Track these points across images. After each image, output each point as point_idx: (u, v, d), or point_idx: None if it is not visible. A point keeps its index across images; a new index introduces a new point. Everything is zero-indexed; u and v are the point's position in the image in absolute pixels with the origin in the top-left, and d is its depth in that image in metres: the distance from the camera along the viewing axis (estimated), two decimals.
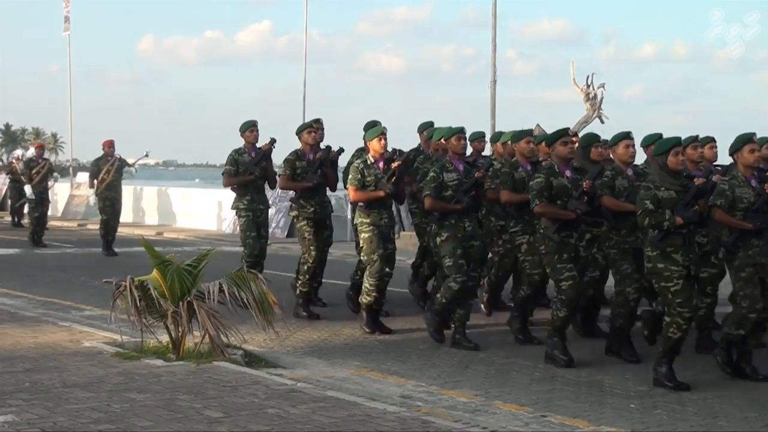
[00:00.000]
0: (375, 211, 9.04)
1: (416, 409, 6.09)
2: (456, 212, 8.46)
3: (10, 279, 12.95)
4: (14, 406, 5.75)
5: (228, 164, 10.61)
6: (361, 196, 9.06)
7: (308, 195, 10.04)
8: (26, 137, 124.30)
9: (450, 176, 8.52)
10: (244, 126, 10.69)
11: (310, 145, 10.09)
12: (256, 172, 10.51)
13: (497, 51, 20.30)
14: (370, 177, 9.04)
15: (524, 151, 8.98)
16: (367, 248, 9.03)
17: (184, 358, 7.26)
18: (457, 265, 8.37)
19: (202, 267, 7.54)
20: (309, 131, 10.12)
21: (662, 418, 6.27)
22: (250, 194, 10.59)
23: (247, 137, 10.65)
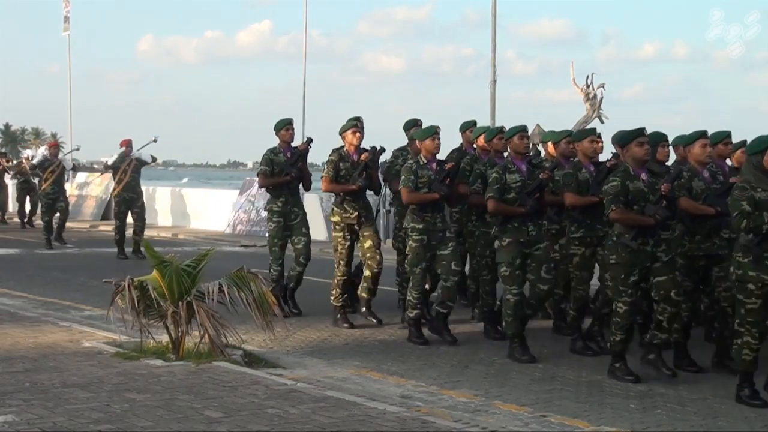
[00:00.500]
0: (428, 215, 8.57)
1: (416, 409, 6.09)
2: (519, 216, 7.98)
3: (10, 279, 12.95)
4: (14, 406, 5.75)
5: (263, 164, 10.16)
6: (416, 198, 8.55)
7: (352, 198, 9.53)
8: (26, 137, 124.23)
9: (513, 177, 8.05)
10: (279, 124, 10.25)
11: (354, 146, 9.56)
12: (293, 173, 10.09)
13: (497, 51, 20.31)
14: (424, 178, 8.57)
15: (588, 150, 8.45)
16: (412, 258, 8.60)
17: (184, 358, 7.26)
18: (514, 276, 7.91)
19: (202, 267, 7.54)
20: (353, 130, 9.56)
21: (662, 418, 6.27)
22: (284, 196, 10.18)
23: (282, 136, 10.20)
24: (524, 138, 8.19)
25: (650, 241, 7.19)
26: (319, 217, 21.25)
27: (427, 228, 8.53)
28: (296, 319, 9.67)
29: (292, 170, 10.06)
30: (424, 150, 8.69)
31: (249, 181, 23.63)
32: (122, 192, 16.27)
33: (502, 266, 7.99)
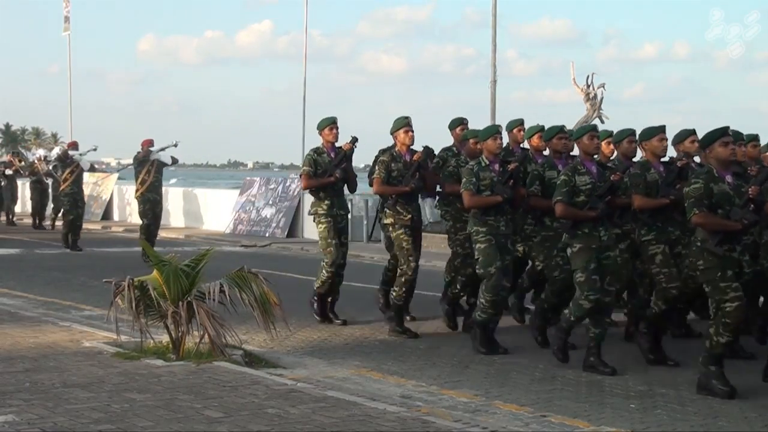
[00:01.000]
0: (491, 219, 8.21)
1: (416, 409, 6.09)
2: (590, 220, 7.57)
3: (10, 279, 12.96)
4: (14, 406, 5.75)
5: (306, 165, 9.78)
6: (479, 201, 8.19)
7: (405, 200, 9.17)
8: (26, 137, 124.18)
9: (582, 180, 7.62)
10: (322, 123, 9.78)
11: (407, 146, 9.20)
12: (337, 174, 9.68)
13: (498, 51, 20.30)
14: (486, 180, 8.21)
15: (657, 150, 7.96)
16: (483, 260, 8.15)
17: (184, 358, 7.26)
18: (591, 281, 7.47)
19: (201, 267, 7.54)
20: (406, 130, 9.18)
21: (662, 418, 6.27)
22: (329, 198, 9.82)
23: (325, 136, 9.74)
24: (594, 138, 7.76)
25: (737, 248, 6.84)
26: None
27: (492, 231, 8.20)
28: (296, 319, 9.64)
29: (336, 171, 9.66)
30: (486, 151, 8.34)
31: (249, 181, 23.66)
32: (146, 192, 16.04)
33: (577, 272, 7.56)
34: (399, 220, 9.14)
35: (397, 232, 9.17)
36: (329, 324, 9.70)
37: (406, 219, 9.13)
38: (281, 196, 22.08)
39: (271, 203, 22.16)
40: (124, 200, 25.63)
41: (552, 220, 8.24)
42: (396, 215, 9.16)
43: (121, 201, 25.81)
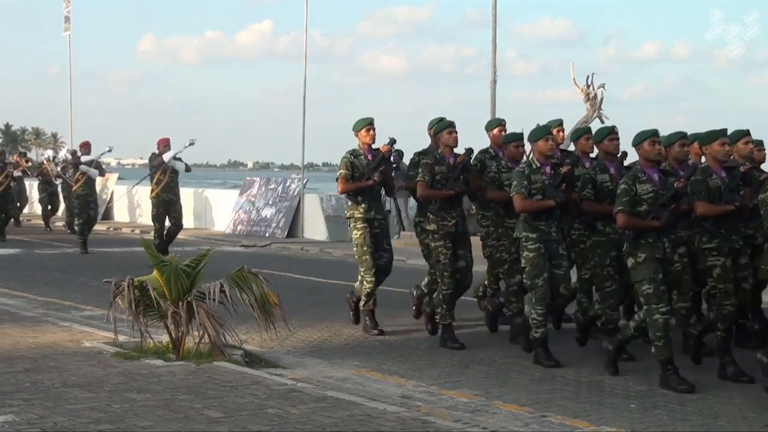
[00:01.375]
0: (542, 224, 7.84)
1: (416, 409, 6.09)
2: (654, 230, 7.17)
3: (10, 279, 12.96)
4: (14, 406, 5.75)
5: (343, 168, 9.25)
6: (530, 206, 7.82)
7: (449, 205, 8.67)
8: (26, 137, 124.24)
9: (644, 188, 7.22)
10: (359, 124, 9.35)
11: (450, 148, 8.75)
12: (375, 177, 9.19)
13: (498, 51, 20.27)
14: (537, 184, 7.86)
15: (718, 154, 7.60)
16: (531, 271, 7.80)
17: (184, 358, 7.26)
18: (660, 293, 7.07)
19: (201, 267, 7.54)
20: (449, 131, 8.75)
21: (662, 418, 6.27)
22: (366, 202, 9.28)
23: (362, 137, 9.30)
24: (655, 144, 7.32)
25: None
26: (319, 216, 21.29)
27: (542, 237, 7.83)
28: (296, 319, 9.63)
29: (374, 174, 9.19)
30: (537, 152, 7.99)
31: (249, 181, 23.66)
32: (161, 193, 15.70)
33: (644, 284, 7.13)
34: (443, 226, 8.63)
35: (436, 243, 8.68)
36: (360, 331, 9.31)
37: (450, 225, 8.65)
38: (281, 196, 22.08)
39: (271, 203, 22.17)
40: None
41: (604, 225, 7.95)
42: (440, 221, 8.65)
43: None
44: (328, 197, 22.19)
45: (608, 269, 8.05)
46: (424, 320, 9.40)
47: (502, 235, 8.73)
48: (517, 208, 7.92)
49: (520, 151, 8.74)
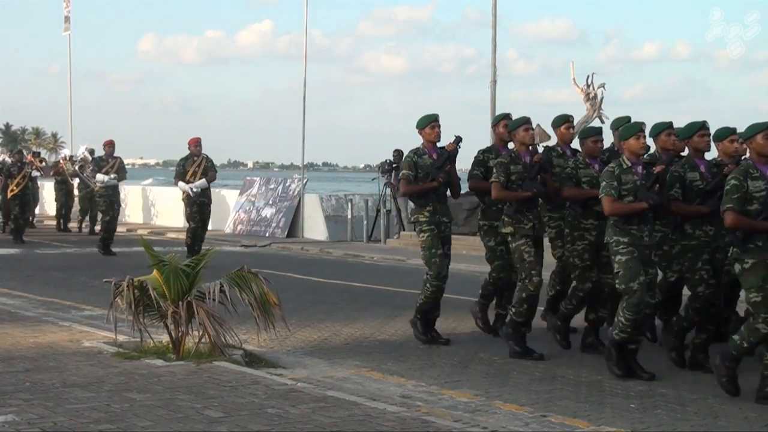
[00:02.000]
0: (634, 228, 7.27)
1: (416, 409, 6.09)
2: (766, 231, 6.65)
3: (10, 279, 12.97)
4: (14, 406, 5.74)
5: (406, 168, 8.71)
6: (621, 209, 7.27)
7: (526, 207, 8.16)
8: (26, 137, 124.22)
9: (757, 185, 6.69)
10: (423, 121, 8.82)
11: (526, 146, 8.28)
12: (440, 178, 8.65)
13: (498, 51, 20.30)
14: (628, 185, 7.30)
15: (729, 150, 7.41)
16: (625, 275, 7.23)
17: (184, 358, 7.26)
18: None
19: (201, 267, 7.54)
20: (526, 128, 8.27)
21: (662, 418, 6.26)
22: (431, 204, 8.71)
23: (426, 135, 8.77)
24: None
25: None
26: (319, 216, 21.30)
27: (634, 242, 7.28)
28: (296, 319, 9.63)
29: (439, 174, 8.64)
30: (628, 151, 7.42)
31: (249, 181, 23.66)
32: (193, 195, 15.26)
33: (752, 291, 6.65)
34: (520, 229, 8.12)
35: (517, 243, 8.15)
36: (432, 344, 8.67)
37: (528, 228, 8.15)
38: (281, 196, 22.09)
39: (271, 203, 22.18)
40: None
41: (694, 227, 7.56)
42: (517, 224, 8.13)
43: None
44: (328, 197, 22.21)
45: (700, 273, 7.57)
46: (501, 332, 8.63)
47: (577, 238, 8.24)
48: (606, 211, 7.37)
49: (599, 146, 8.29)
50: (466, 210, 19.85)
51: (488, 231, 8.84)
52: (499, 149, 8.90)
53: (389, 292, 12.58)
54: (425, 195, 8.70)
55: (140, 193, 25.93)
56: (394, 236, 20.54)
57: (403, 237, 20.16)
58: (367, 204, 20.90)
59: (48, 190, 24.99)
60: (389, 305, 11.11)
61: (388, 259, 17.32)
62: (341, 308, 10.82)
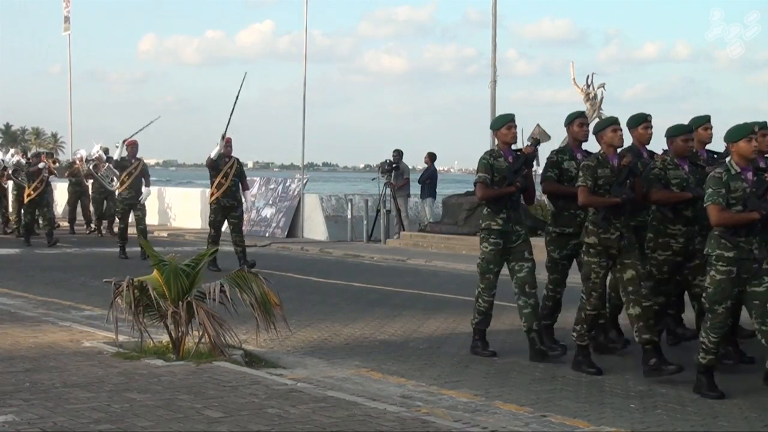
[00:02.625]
0: (742, 240, 6.70)
1: (416, 409, 6.09)
2: None
3: (10, 279, 12.97)
4: (14, 406, 5.74)
5: (482, 171, 8.14)
6: (730, 219, 6.71)
7: (614, 214, 7.49)
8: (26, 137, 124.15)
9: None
10: (499, 121, 8.31)
11: (614, 148, 7.66)
12: (517, 182, 8.11)
13: (498, 51, 20.29)
14: (738, 192, 6.74)
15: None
16: (714, 294, 6.75)
17: (184, 358, 7.26)
18: None
19: (201, 267, 7.55)
20: (614, 129, 7.63)
21: (662, 418, 6.27)
22: (506, 211, 8.14)
23: (502, 136, 8.23)
24: None
25: None
26: (319, 216, 21.30)
27: (740, 257, 6.72)
28: (296, 319, 9.63)
29: (516, 178, 8.10)
30: (737, 155, 6.84)
31: (249, 181, 23.64)
32: (221, 198, 14.54)
33: None
34: (604, 240, 7.47)
35: (590, 258, 7.54)
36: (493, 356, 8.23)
37: (614, 237, 7.47)
38: (281, 196, 22.09)
39: (271, 203, 22.18)
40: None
41: None
42: (602, 234, 7.48)
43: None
44: (328, 197, 22.21)
45: None
46: None
47: (661, 245, 7.79)
48: (713, 221, 6.77)
49: (690, 145, 7.76)
50: (466, 210, 19.88)
51: (556, 239, 8.35)
52: (573, 150, 8.39)
53: (389, 292, 12.57)
54: (500, 201, 8.16)
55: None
56: (394, 236, 20.55)
57: (403, 237, 20.18)
58: (367, 204, 20.91)
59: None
60: (389, 305, 11.11)
61: (388, 259, 17.32)
62: (341, 308, 10.82)
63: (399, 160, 20.82)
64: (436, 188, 21.50)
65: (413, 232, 20.38)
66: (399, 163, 20.74)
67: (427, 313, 10.50)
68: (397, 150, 21.03)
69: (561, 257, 8.37)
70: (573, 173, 8.11)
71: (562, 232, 8.33)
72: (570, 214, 8.21)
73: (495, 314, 10.41)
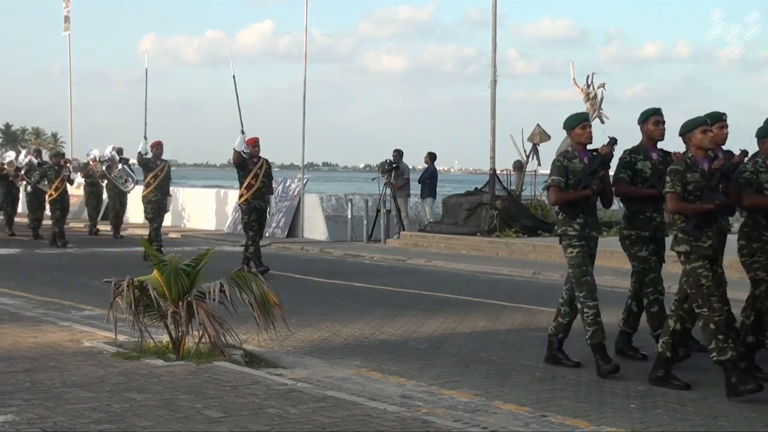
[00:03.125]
0: None
1: (416, 409, 6.09)
2: None
3: (10, 279, 12.97)
4: (14, 406, 5.74)
5: (556, 174, 7.66)
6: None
7: (706, 222, 7.03)
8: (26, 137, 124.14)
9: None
10: (573, 120, 7.77)
11: (704, 150, 7.11)
12: (594, 185, 7.65)
13: (498, 51, 20.27)
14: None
15: None
16: None
17: (184, 358, 7.26)
18: None
19: (201, 267, 7.54)
20: (703, 129, 7.10)
21: (662, 418, 6.26)
22: (582, 216, 7.65)
23: (577, 136, 7.72)
24: None
25: None
26: (319, 216, 21.30)
27: None
28: (296, 319, 9.63)
29: (593, 181, 7.64)
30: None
31: None
32: (251, 199, 14.13)
33: None
34: (697, 248, 7.00)
35: (693, 264, 7.01)
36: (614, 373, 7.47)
37: (707, 246, 7.03)
38: (281, 196, 22.09)
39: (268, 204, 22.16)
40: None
41: None
42: (694, 242, 7.01)
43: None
44: (328, 197, 22.21)
45: None
46: None
47: (757, 250, 7.38)
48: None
49: None
50: (465, 210, 19.89)
51: (637, 240, 7.93)
52: (647, 149, 7.96)
53: (389, 292, 12.57)
54: (576, 205, 7.67)
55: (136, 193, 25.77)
56: (394, 236, 20.55)
57: (403, 237, 20.17)
58: (367, 204, 20.91)
59: None
60: (389, 305, 11.11)
61: (388, 259, 17.32)
62: (341, 308, 10.81)
63: (399, 160, 20.82)
64: (436, 188, 21.51)
65: (413, 232, 20.39)
66: (399, 163, 20.74)
67: (427, 313, 10.49)
68: (397, 150, 21.04)
69: (650, 253, 7.90)
70: (647, 174, 7.82)
71: (639, 234, 7.92)
72: (645, 217, 7.89)
73: (495, 314, 10.49)
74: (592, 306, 7.51)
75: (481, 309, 10.90)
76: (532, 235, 18.94)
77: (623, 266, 15.03)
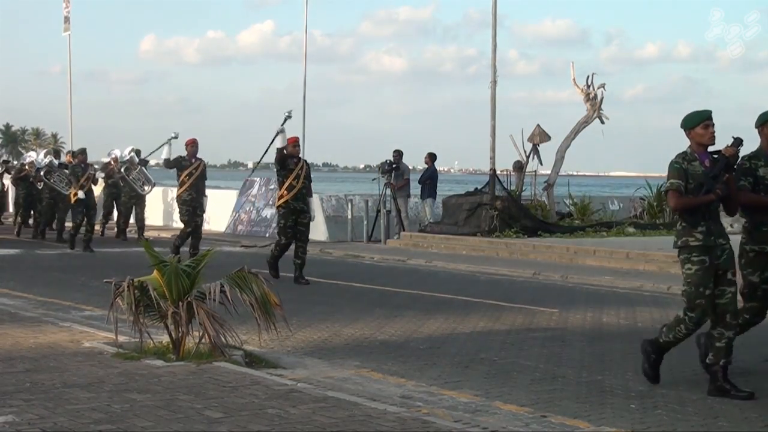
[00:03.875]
0: None
1: (416, 410, 6.09)
2: None
3: (10, 279, 12.97)
4: (14, 406, 5.75)
5: (674, 177, 6.95)
6: None
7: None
8: (26, 137, 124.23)
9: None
10: (693, 119, 7.07)
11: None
12: (719, 190, 6.91)
13: (499, 51, 20.30)
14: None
15: None
16: None
17: (185, 359, 7.26)
18: None
19: (201, 267, 7.54)
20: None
21: (662, 418, 6.26)
22: (704, 224, 6.93)
23: (697, 136, 7.02)
24: None
25: None
26: (319, 216, 21.29)
27: None
28: (297, 319, 9.63)
29: (717, 185, 6.91)
30: None
31: (249, 181, 23.65)
32: (291, 201, 13.51)
33: None
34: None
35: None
36: None
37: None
38: None
39: (271, 203, 22.16)
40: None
41: None
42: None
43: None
44: (328, 197, 22.21)
45: None
46: None
47: None
48: None
49: None
50: (466, 210, 19.90)
51: (755, 260, 7.27)
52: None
53: (389, 292, 12.58)
54: (696, 212, 6.97)
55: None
56: (394, 236, 20.56)
57: (403, 237, 20.18)
58: (367, 204, 20.91)
59: None
60: (389, 305, 11.11)
61: (388, 259, 17.32)
62: (341, 308, 10.81)
63: (399, 160, 20.83)
64: (436, 188, 21.52)
65: (413, 232, 20.39)
66: (399, 163, 20.75)
67: (427, 313, 10.50)
68: (397, 150, 21.04)
69: (762, 280, 7.26)
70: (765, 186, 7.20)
71: (762, 250, 7.26)
72: None
73: (495, 314, 10.49)
74: (692, 330, 7.00)
75: (481, 309, 10.90)
76: (532, 236, 18.95)
77: (623, 266, 15.08)
